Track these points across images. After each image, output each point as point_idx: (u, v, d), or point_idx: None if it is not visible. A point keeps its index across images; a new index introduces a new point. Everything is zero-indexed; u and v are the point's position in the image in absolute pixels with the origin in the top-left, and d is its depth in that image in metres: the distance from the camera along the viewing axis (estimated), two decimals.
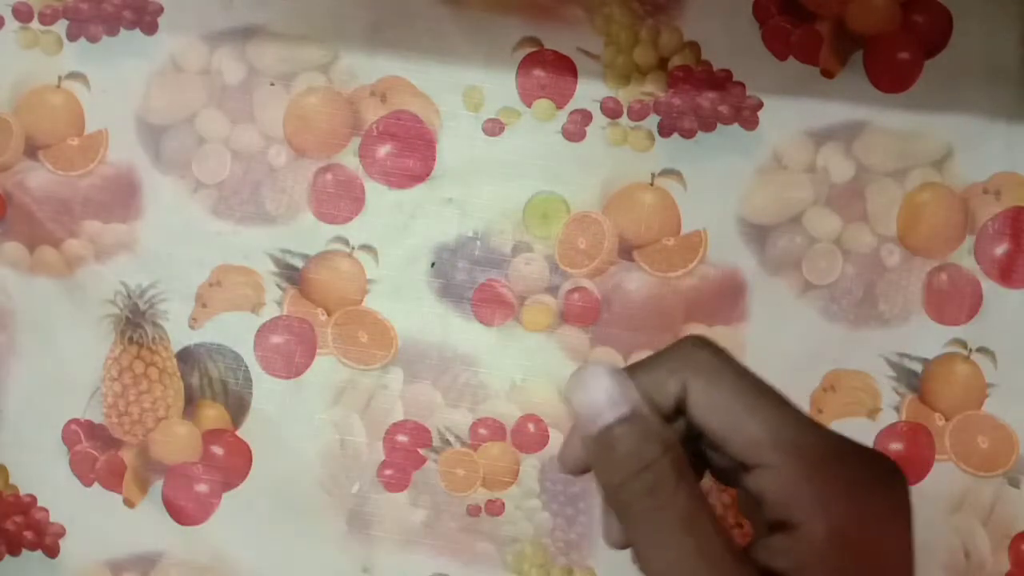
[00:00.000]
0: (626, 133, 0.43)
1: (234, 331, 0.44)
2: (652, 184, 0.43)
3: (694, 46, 0.43)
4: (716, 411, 0.23)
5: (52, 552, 0.45)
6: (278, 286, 0.44)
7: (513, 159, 0.44)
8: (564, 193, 0.44)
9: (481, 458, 0.44)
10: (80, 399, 0.45)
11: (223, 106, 0.44)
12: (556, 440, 0.44)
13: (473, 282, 0.44)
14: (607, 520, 0.26)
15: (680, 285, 0.43)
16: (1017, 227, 0.43)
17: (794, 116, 0.43)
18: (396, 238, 0.44)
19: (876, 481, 0.23)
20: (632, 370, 0.24)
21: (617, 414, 0.23)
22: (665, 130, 0.43)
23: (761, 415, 0.23)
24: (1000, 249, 0.43)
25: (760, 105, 0.43)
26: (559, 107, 0.44)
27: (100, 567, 0.45)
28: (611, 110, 0.43)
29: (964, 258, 0.43)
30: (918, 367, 0.43)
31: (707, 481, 0.27)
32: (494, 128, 0.44)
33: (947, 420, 0.43)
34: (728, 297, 0.43)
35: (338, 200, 0.44)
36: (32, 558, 0.45)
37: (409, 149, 0.44)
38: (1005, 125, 0.43)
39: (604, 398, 0.23)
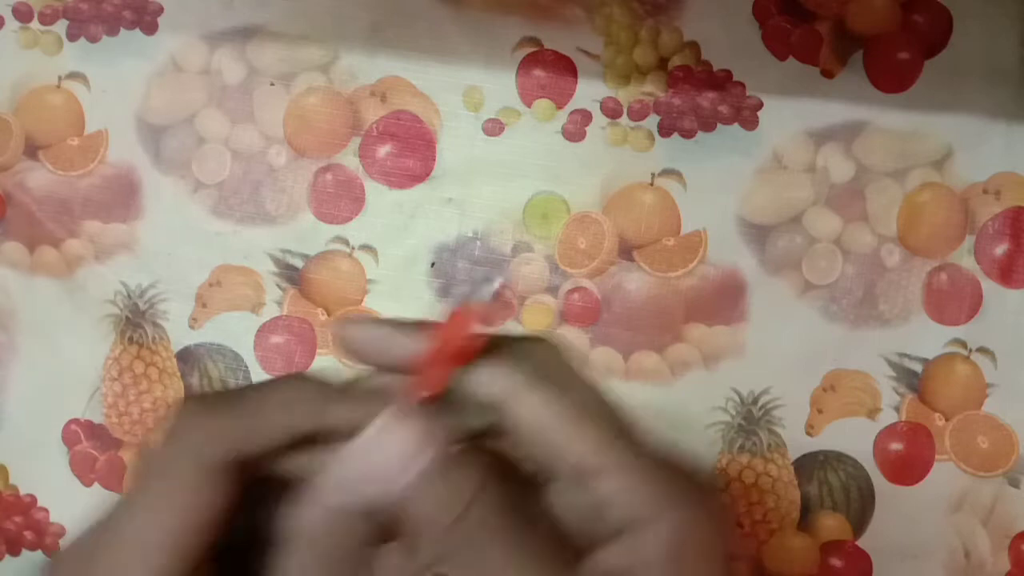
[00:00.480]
0: (626, 133, 0.43)
1: (234, 331, 0.44)
2: (652, 184, 0.43)
3: (694, 46, 0.43)
4: (547, 426, 0.21)
5: (52, 552, 0.45)
6: (278, 286, 0.44)
7: (513, 159, 0.44)
8: (564, 193, 0.44)
9: None
10: (80, 399, 0.45)
11: (223, 106, 0.44)
12: None
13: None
14: None
15: (680, 285, 0.43)
16: (1017, 227, 0.43)
17: (794, 116, 0.43)
18: (396, 238, 0.44)
19: (706, 491, 0.22)
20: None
21: (416, 472, 0.20)
22: (665, 130, 0.43)
23: (597, 420, 0.21)
24: (1000, 249, 0.43)
25: (760, 105, 0.43)
26: (559, 107, 0.44)
27: None
28: (611, 110, 0.43)
29: (964, 258, 0.43)
30: (918, 367, 0.43)
31: None
32: (494, 128, 0.44)
33: (947, 420, 0.43)
34: (728, 297, 0.43)
35: (338, 200, 0.44)
36: (32, 558, 0.45)
37: (409, 149, 0.44)
38: (1005, 125, 0.43)
39: (401, 459, 0.20)
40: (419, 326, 0.23)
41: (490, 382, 0.21)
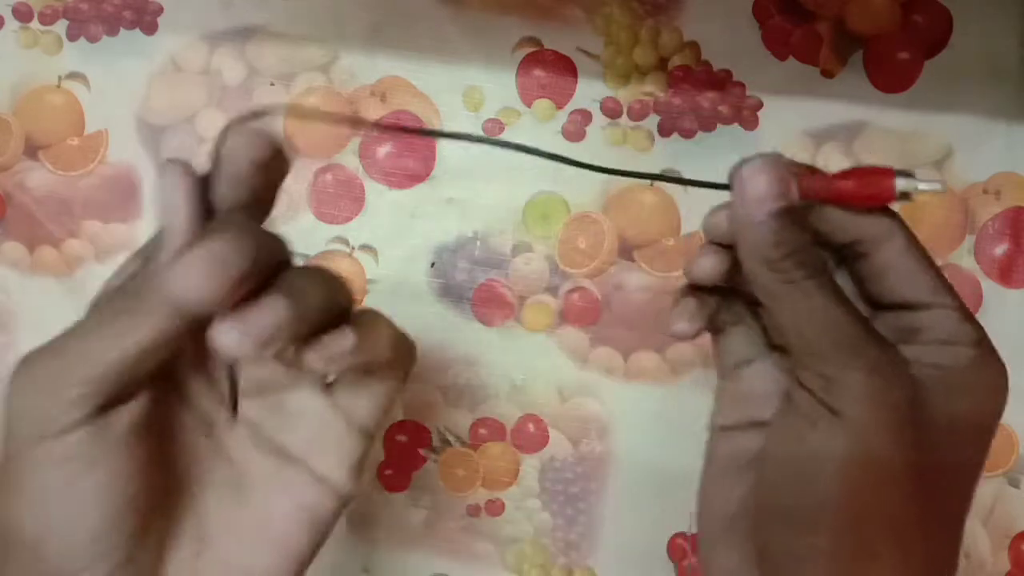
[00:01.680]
0: (626, 133, 0.43)
1: None
2: (652, 184, 0.43)
3: (694, 46, 0.43)
4: (911, 266, 0.26)
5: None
6: None
7: (513, 159, 0.44)
8: (564, 193, 0.44)
9: (481, 458, 0.44)
10: None
11: (223, 106, 0.44)
12: (556, 440, 0.44)
13: (473, 282, 0.44)
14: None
15: (680, 285, 0.43)
16: (1017, 227, 0.43)
17: (794, 116, 0.43)
18: (396, 238, 0.44)
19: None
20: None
21: (778, 205, 0.25)
22: (665, 130, 0.43)
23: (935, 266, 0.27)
24: (1000, 249, 0.43)
25: (760, 105, 0.43)
26: (559, 107, 0.44)
27: None
28: (611, 110, 0.43)
29: (964, 258, 0.43)
30: None
31: None
32: (494, 128, 0.44)
33: None
34: None
35: (338, 200, 0.44)
36: None
37: (409, 149, 0.44)
38: (1005, 125, 0.43)
39: (773, 189, 0.25)
40: None
41: (873, 223, 0.26)
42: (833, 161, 0.43)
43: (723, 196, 0.28)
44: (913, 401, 0.25)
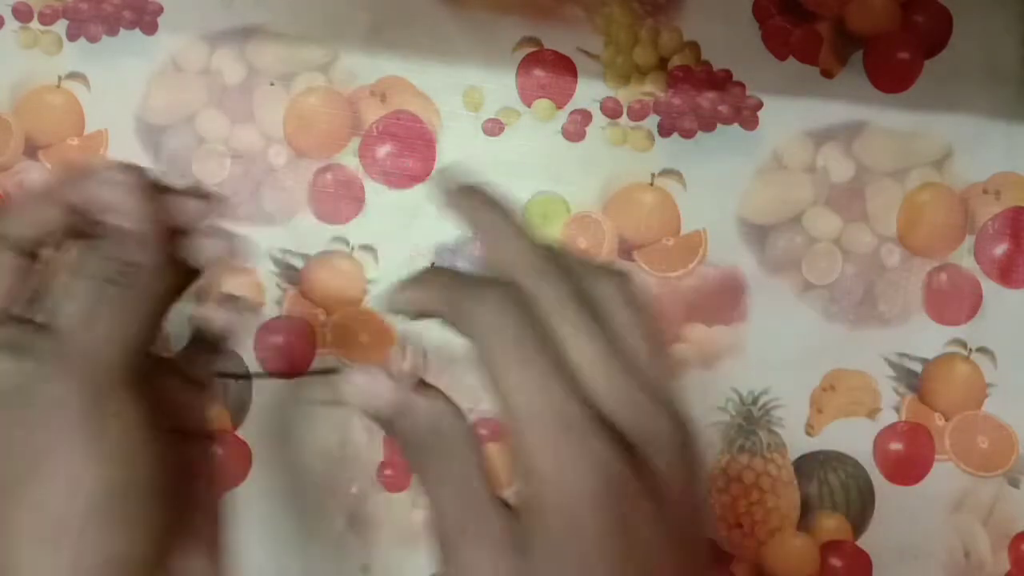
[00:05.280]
0: (626, 133, 0.43)
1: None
2: (652, 184, 0.43)
3: (694, 46, 0.43)
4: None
5: None
6: (278, 286, 0.44)
7: (513, 159, 0.44)
8: (564, 193, 0.44)
9: None
10: None
11: (223, 106, 0.44)
12: None
13: None
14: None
15: (680, 285, 0.43)
16: (1017, 227, 0.43)
17: (794, 116, 0.43)
18: (396, 238, 0.44)
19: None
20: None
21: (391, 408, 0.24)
22: (665, 130, 0.43)
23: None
24: (1000, 249, 0.43)
25: (760, 105, 0.43)
26: (559, 107, 0.44)
27: None
28: (611, 110, 0.43)
29: (964, 258, 0.43)
30: (918, 367, 0.43)
31: None
32: (494, 128, 0.44)
33: (947, 420, 0.43)
34: (728, 297, 0.43)
35: (338, 200, 0.44)
36: None
37: (409, 149, 0.44)
38: (1005, 125, 0.43)
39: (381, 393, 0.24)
40: None
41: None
42: (833, 161, 0.43)
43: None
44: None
